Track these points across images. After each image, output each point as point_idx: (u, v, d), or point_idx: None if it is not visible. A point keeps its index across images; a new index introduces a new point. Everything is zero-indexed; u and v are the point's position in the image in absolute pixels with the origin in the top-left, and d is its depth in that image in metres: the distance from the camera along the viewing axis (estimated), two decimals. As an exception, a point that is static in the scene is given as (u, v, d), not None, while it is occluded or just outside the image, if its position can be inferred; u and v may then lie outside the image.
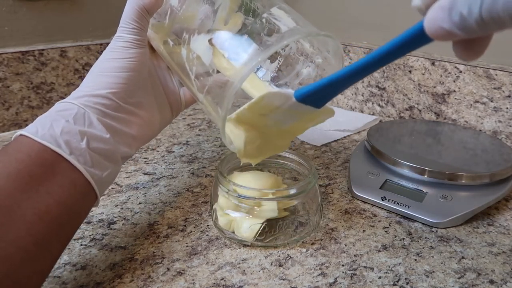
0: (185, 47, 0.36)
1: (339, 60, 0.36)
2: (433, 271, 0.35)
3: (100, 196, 0.33)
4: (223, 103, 0.31)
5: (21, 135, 0.29)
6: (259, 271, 0.35)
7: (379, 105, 0.71)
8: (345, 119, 0.69)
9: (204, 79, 0.35)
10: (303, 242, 0.38)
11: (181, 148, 0.59)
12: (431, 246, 0.38)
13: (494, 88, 0.57)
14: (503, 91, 0.56)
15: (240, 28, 0.36)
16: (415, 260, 0.36)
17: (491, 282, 0.34)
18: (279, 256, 0.37)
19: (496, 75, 0.56)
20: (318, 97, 0.31)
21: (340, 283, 0.34)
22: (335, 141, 0.62)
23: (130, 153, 0.36)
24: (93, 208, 0.44)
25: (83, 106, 0.32)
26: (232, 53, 0.34)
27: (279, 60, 0.42)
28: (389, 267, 0.35)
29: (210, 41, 0.35)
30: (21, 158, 0.28)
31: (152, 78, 0.39)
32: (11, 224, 0.26)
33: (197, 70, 0.35)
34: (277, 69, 0.43)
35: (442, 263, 0.36)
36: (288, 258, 0.36)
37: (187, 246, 0.38)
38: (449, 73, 0.61)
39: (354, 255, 0.37)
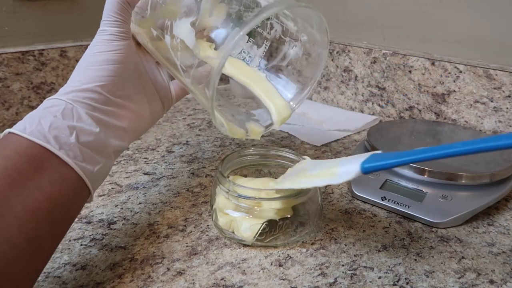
0: (168, 34, 0.36)
1: (323, 34, 0.36)
2: (433, 271, 0.35)
3: (94, 191, 0.32)
4: (209, 83, 0.31)
5: (9, 132, 0.29)
6: (259, 271, 0.35)
7: (379, 105, 0.71)
8: (345, 119, 0.69)
9: (190, 63, 0.36)
10: (303, 242, 0.38)
11: (181, 148, 0.59)
12: (431, 246, 0.38)
13: (494, 88, 0.57)
14: (503, 91, 0.56)
15: (224, 18, 0.36)
16: (415, 260, 0.36)
17: (491, 282, 0.34)
18: (279, 256, 0.37)
19: (496, 75, 0.56)
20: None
21: (340, 283, 0.34)
22: (335, 141, 0.62)
23: (122, 146, 0.35)
24: (93, 208, 0.44)
25: (71, 101, 0.31)
26: (218, 42, 0.34)
27: (265, 45, 0.43)
28: (389, 267, 0.35)
29: (191, 23, 0.36)
30: (8, 155, 0.28)
31: (139, 71, 0.39)
32: (2, 221, 0.26)
33: (182, 55, 0.35)
34: (264, 53, 0.43)
35: (442, 263, 0.36)
36: (288, 258, 0.36)
37: (187, 246, 0.38)
38: (449, 73, 0.61)
39: (354, 255, 0.37)
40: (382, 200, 0.44)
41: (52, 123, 0.30)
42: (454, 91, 0.61)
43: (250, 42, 0.43)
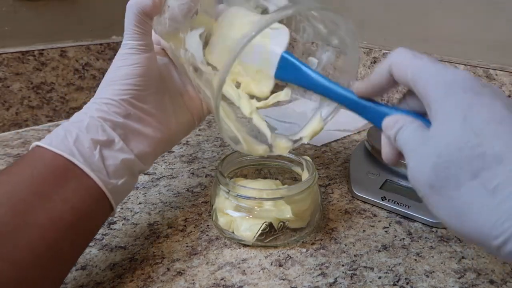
0: (183, 47, 0.36)
1: (352, 38, 0.35)
2: (433, 271, 0.35)
3: (117, 205, 0.32)
4: (213, 93, 0.30)
5: (36, 146, 0.30)
6: (259, 271, 0.35)
7: (379, 105, 0.71)
8: (345, 119, 0.69)
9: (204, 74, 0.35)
10: (303, 242, 0.38)
11: (181, 148, 0.59)
12: (431, 246, 0.38)
13: (494, 88, 0.57)
14: (503, 91, 0.56)
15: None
16: (415, 260, 0.36)
17: (491, 282, 0.34)
18: (279, 256, 0.37)
19: (496, 75, 0.56)
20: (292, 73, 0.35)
21: (340, 283, 0.34)
22: (335, 141, 0.62)
23: (146, 160, 0.35)
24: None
25: (95, 116, 0.32)
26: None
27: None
28: (389, 267, 0.35)
29: (201, 35, 0.35)
30: (34, 165, 0.29)
31: (167, 83, 0.38)
32: (24, 228, 0.26)
33: (194, 67, 0.35)
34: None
35: (442, 263, 0.36)
36: (288, 258, 0.36)
37: (187, 246, 0.38)
38: (449, 73, 0.61)
39: (354, 255, 0.37)
40: (382, 200, 0.44)
41: (77, 137, 0.30)
42: (454, 91, 0.61)
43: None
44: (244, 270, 0.35)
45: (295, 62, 0.35)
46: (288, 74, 0.35)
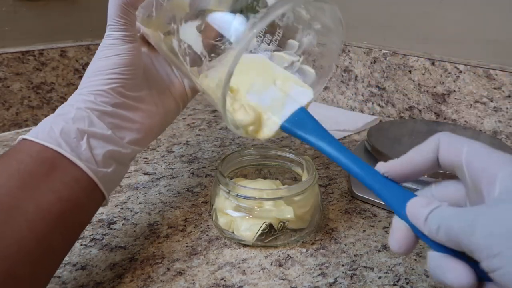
0: (175, 38, 0.35)
1: (338, 23, 0.35)
2: (433, 271, 0.35)
3: (108, 194, 0.32)
4: (220, 85, 0.30)
5: (23, 139, 0.30)
6: (259, 271, 0.35)
7: (379, 105, 0.71)
8: (345, 119, 0.69)
9: (200, 66, 0.35)
10: (303, 242, 0.39)
11: (181, 148, 0.59)
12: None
13: (494, 88, 0.57)
14: (503, 91, 0.56)
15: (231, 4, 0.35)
16: (415, 260, 0.36)
17: (491, 282, 0.34)
18: (279, 256, 0.37)
19: (496, 75, 0.56)
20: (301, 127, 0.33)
21: (340, 283, 0.34)
22: (335, 141, 0.62)
23: (136, 147, 0.35)
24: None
25: (82, 107, 0.32)
26: (230, 34, 0.33)
27: (278, 32, 0.41)
28: (389, 267, 0.35)
29: (198, 27, 0.35)
30: (21, 158, 0.28)
31: (150, 71, 0.38)
32: (12, 222, 0.26)
33: (191, 58, 0.35)
34: (277, 41, 0.41)
35: (442, 263, 0.36)
36: (288, 258, 0.36)
37: (187, 246, 0.38)
38: (449, 73, 0.61)
39: (354, 255, 0.37)
40: (382, 200, 0.44)
41: (63, 128, 0.30)
42: (454, 91, 0.61)
43: (262, 30, 0.41)
44: (244, 270, 0.35)
45: (313, 123, 0.33)
46: (297, 129, 0.33)
